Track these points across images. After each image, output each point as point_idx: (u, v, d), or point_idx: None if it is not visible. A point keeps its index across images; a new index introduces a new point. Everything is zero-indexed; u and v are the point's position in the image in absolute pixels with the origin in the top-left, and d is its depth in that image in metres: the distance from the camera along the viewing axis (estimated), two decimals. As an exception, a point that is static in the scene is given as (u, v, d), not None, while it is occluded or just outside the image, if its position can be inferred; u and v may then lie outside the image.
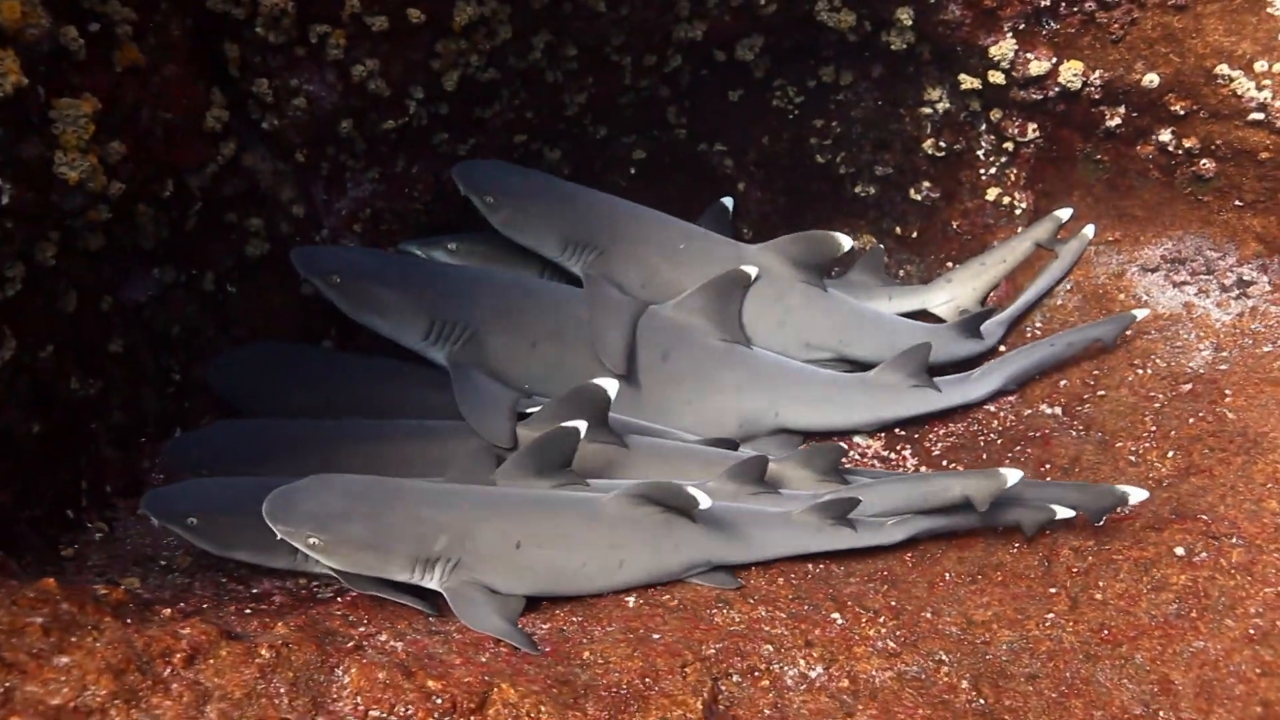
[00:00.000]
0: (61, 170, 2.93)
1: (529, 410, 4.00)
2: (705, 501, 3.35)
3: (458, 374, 4.09)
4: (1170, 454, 4.17)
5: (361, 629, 2.93)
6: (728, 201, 5.51)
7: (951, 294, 5.69)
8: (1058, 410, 4.72)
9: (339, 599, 3.22)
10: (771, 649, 3.07)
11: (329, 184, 4.30)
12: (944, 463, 4.62)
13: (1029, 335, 5.37)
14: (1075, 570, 3.70)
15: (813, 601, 3.38)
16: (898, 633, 3.28)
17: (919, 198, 5.90)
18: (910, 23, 5.04)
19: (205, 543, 3.25)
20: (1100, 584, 3.60)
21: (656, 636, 3.12)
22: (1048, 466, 4.32)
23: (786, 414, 4.61)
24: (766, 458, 3.93)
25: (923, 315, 5.49)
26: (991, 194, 5.77)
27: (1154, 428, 4.31)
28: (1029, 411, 4.80)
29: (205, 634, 2.48)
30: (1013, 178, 5.71)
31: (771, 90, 5.59)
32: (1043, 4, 4.90)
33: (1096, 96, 5.01)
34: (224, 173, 3.88)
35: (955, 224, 5.95)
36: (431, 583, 3.23)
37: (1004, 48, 5.04)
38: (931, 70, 5.46)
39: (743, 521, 3.61)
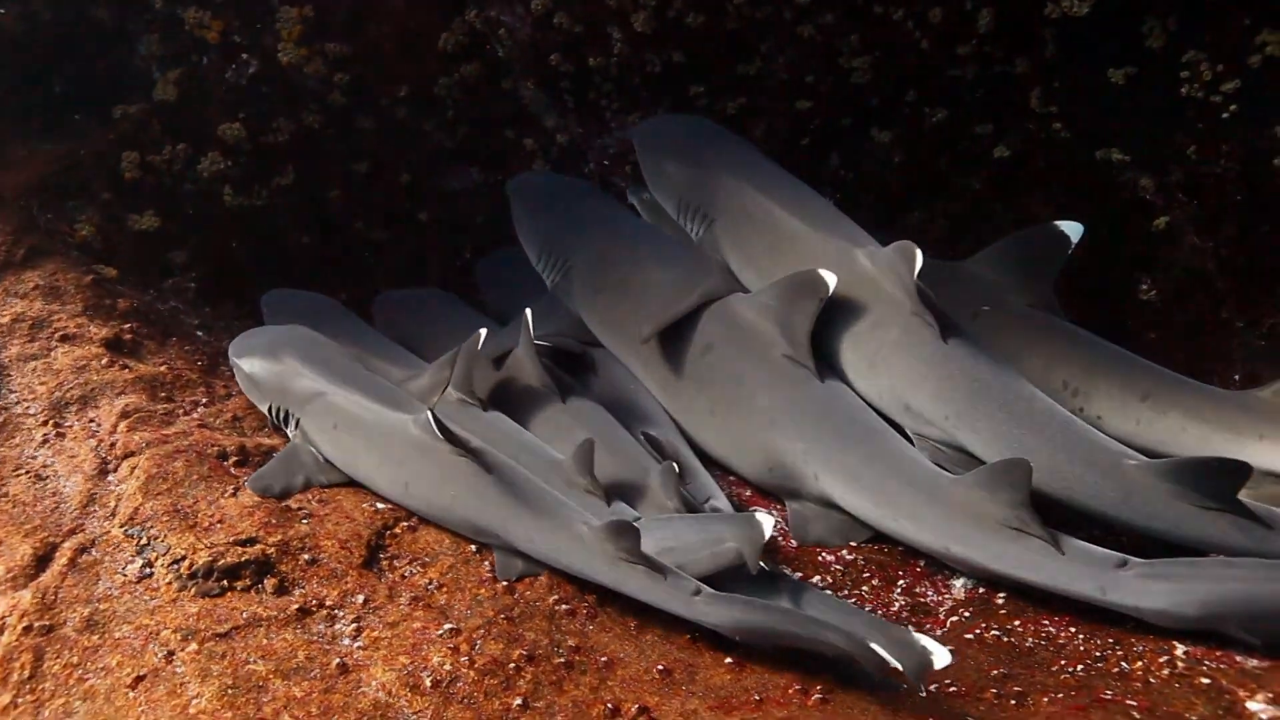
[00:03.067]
0: (280, 55, 4.38)
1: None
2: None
3: (543, 300, 4.22)
4: None
5: (203, 400, 3.75)
6: (1072, 229, 3.79)
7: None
8: (1264, 711, 2.30)
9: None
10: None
11: (582, 117, 4.76)
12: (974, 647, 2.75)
13: None
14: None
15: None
16: None
17: None
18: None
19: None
20: None
21: (304, 523, 3.10)
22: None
23: (827, 483, 3.29)
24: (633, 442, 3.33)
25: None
26: None
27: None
28: (1208, 682, 2.46)
29: (93, 333, 3.73)
30: None
31: (1178, 70, 3.62)
32: None
33: None
34: (482, 92, 4.78)
35: None
36: (290, 430, 3.47)
37: None
38: None
39: (536, 508, 2.97)
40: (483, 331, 3.61)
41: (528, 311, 3.73)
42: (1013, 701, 2.43)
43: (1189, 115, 3.65)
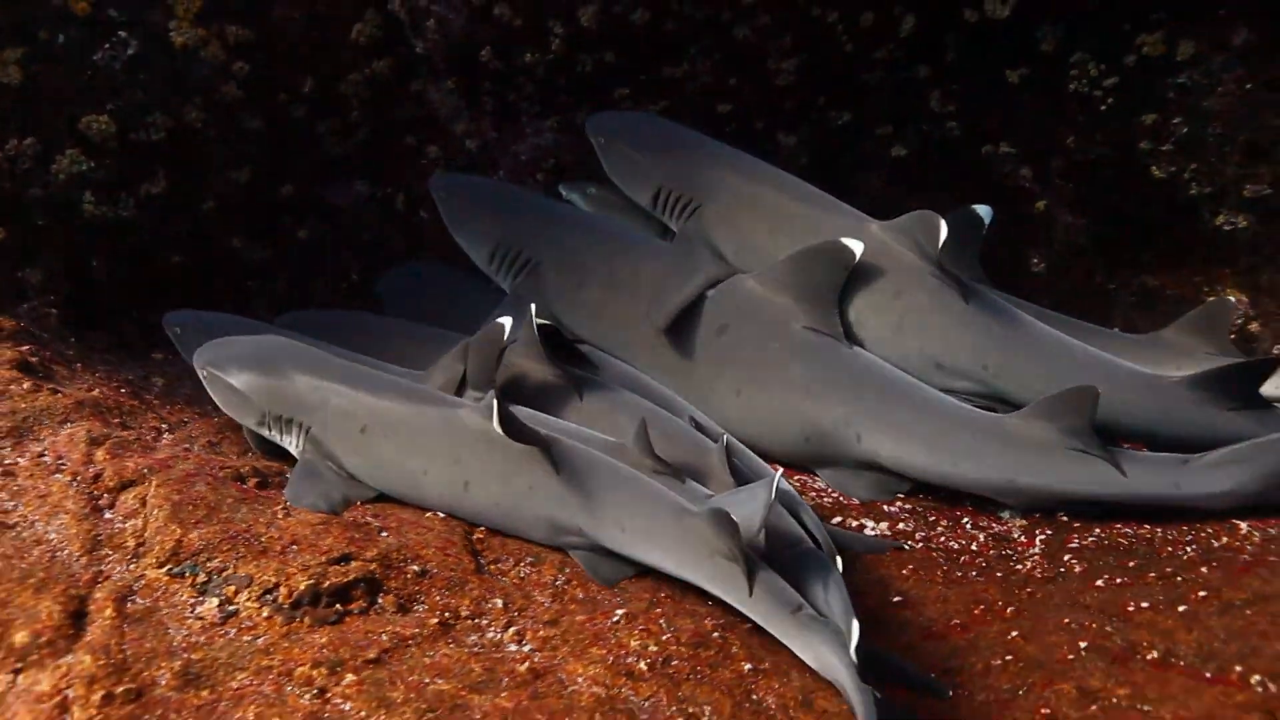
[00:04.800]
0: (172, 35, 3.74)
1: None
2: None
3: (504, 302, 3.97)
4: None
5: (163, 426, 3.05)
6: (985, 211, 4.21)
7: (1322, 375, 3.62)
8: None
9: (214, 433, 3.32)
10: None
11: (499, 121, 4.55)
12: (1070, 560, 2.96)
13: None
14: (1047, 713, 2.11)
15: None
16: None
17: (1315, 234, 3.91)
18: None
19: (181, 349, 3.69)
20: None
21: (384, 534, 2.64)
22: (1201, 595, 2.51)
23: (873, 441, 3.38)
24: (681, 423, 3.14)
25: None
26: None
27: None
28: (1294, 537, 2.82)
29: (-1, 356, 2.90)
30: None
31: (1067, 70, 4.26)
32: None
33: None
34: (390, 93, 4.42)
35: (1372, 278, 3.80)
36: (290, 445, 3.03)
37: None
38: (1329, 31, 3.63)
39: (624, 498, 2.69)
40: (506, 321, 3.31)
41: (532, 306, 3.46)
42: (1165, 579, 2.67)
43: (1071, 109, 4.32)
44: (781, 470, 3.35)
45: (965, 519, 3.33)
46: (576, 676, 2.24)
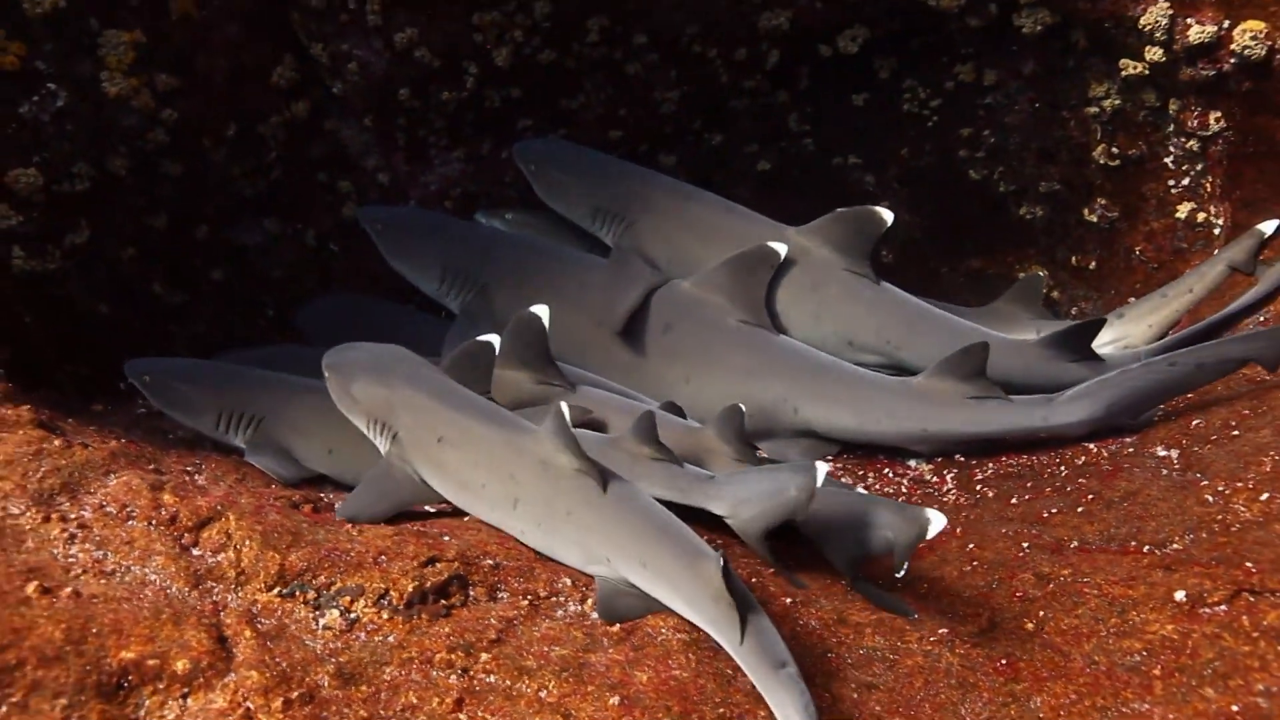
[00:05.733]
0: (104, 85, 3.75)
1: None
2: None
3: (459, 319, 4.28)
4: (1265, 496, 2.99)
5: (187, 469, 3.18)
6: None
7: (1121, 332, 4.65)
8: (1172, 454, 3.57)
9: (235, 471, 3.49)
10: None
11: (410, 155, 4.80)
12: (982, 489, 3.73)
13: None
14: (1020, 595, 2.80)
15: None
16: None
17: (1094, 219, 4.96)
18: (1035, -2, 4.38)
19: (153, 398, 3.75)
20: (1042, 614, 2.69)
21: (446, 538, 2.95)
22: (1090, 498, 3.32)
23: (808, 411, 4.05)
24: (671, 416, 3.56)
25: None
26: (1183, 210, 4.68)
27: (1270, 468, 3.13)
28: (1132, 451, 3.70)
29: (19, 415, 2.91)
30: (1208, 188, 4.58)
31: (900, 93, 5.12)
32: (1198, -50, 4.00)
33: (1291, 63, 3.91)
34: (305, 133, 4.56)
35: (1139, 250, 4.90)
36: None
37: (1154, 13, 4.16)
38: (1095, 62, 4.65)
39: (651, 534, 2.78)
40: (494, 339, 3.63)
41: (514, 317, 3.79)
42: (1059, 490, 3.48)
43: (904, 126, 5.20)
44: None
45: (886, 469, 4.05)
46: (660, 629, 2.69)
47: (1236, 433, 3.47)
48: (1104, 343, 4.60)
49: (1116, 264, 4.99)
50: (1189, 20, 4.09)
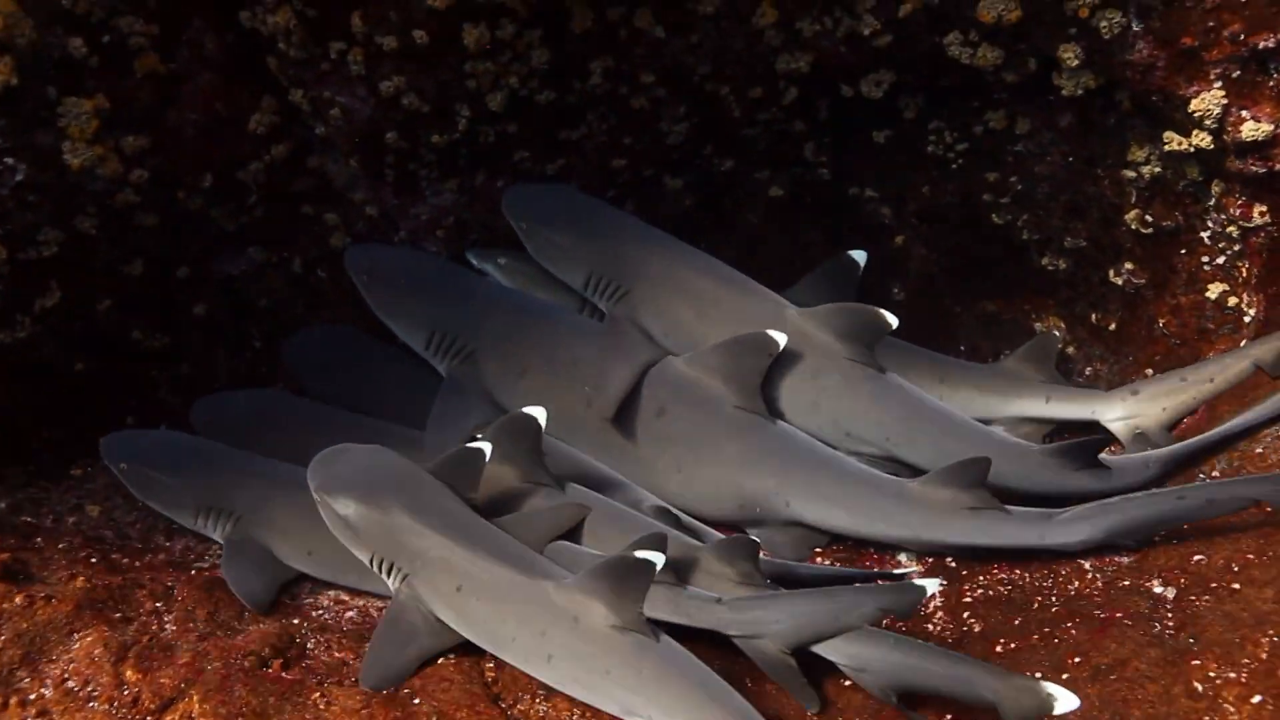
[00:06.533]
0: (66, 157, 3.50)
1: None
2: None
3: (445, 386, 4.14)
4: (1257, 699, 2.91)
5: (159, 604, 3.13)
6: (859, 255, 4.74)
7: (1133, 410, 4.47)
8: (1169, 593, 3.48)
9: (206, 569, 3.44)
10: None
11: (399, 189, 4.54)
12: (966, 616, 3.66)
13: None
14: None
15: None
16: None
17: (1119, 281, 4.70)
18: (1078, 62, 4.00)
19: (130, 487, 3.68)
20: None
21: (416, 701, 2.92)
22: (1076, 661, 3.24)
23: (800, 506, 3.95)
24: (681, 536, 3.47)
25: (1088, 430, 4.35)
26: (1214, 290, 4.41)
27: (1265, 655, 3.04)
28: (1127, 583, 3.61)
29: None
30: (1243, 273, 4.30)
31: (926, 135, 4.77)
32: (1264, 44, 3.61)
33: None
34: (286, 171, 4.31)
35: (1163, 322, 4.66)
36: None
37: (1207, 101, 3.80)
38: (1138, 124, 4.29)
39: (689, 697, 2.86)
40: (485, 447, 3.49)
41: (509, 416, 3.66)
42: (1045, 640, 3.41)
43: (928, 165, 4.87)
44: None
45: (871, 565, 3.99)
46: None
47: (1237, 585, 3.38)
48: (1113, 418, 4.46)
49: (1138, 331, 4.76)
50: (1244, 113, 3.74)
